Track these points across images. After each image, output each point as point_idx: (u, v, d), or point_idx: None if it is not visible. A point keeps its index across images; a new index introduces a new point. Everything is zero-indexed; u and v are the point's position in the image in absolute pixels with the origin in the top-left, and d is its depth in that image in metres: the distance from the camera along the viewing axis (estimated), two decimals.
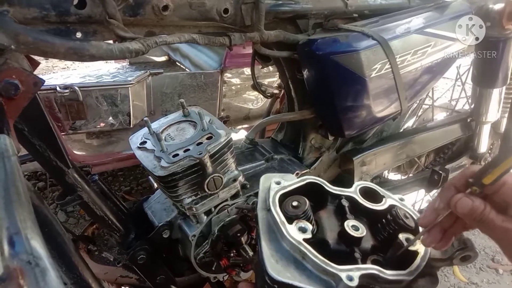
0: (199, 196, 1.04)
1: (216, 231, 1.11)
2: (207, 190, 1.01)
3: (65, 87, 1.74)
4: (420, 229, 0.61)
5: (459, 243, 0.60)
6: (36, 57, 0.85)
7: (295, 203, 0.62)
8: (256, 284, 0.73)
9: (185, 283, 1.37)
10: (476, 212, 0.52)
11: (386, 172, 1.75)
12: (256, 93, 2.53)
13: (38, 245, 0.39)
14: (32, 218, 0.43)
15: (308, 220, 0.62)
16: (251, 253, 1.12)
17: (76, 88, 1.75)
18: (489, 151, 1.81)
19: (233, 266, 1.15)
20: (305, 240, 0.57)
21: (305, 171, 1.26)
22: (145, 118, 1.04)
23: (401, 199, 0.70)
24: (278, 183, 0.68)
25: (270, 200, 0.63)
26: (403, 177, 1.87)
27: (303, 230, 0.59)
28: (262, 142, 1.36)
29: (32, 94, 0.73)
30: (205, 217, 1.08)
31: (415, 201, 2.00)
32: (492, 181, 0.51)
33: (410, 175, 1.87)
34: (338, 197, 0.68)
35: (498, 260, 2.23)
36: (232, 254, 1.12)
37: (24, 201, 0.44)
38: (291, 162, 1.30)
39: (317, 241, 0.59)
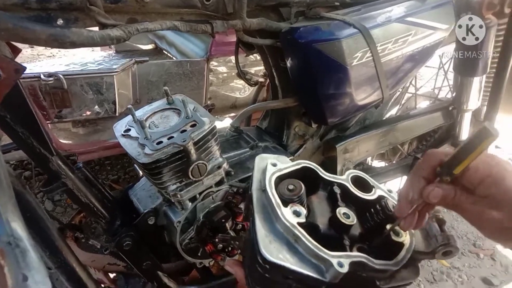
0: (183, 183, 1.05)
1: (201, 217, 1.12)
2: (191, 177, 1.02)
3: (49, 75, 1.73)
4: None
5: (442, 238, 0.61)
6: (18, 45, 0.85)
7: (291, 187, 0.63)
8: (243, 263, 0.74)
9: (172, 270, 1.39)
10: (448, 198, 0.55)
11: (370, 160, 1.78)
12: (242, 81, 2.54)
13: (18, 227, 0.41)
14: (12, 202, 0.44)
15: (301, 204, 0.62)
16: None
17: (61, 76, 1.74)
18: None
19: (219, 251, 1.17)
20: (298, 224, 0.58)
21: (290, 158, 1.28)
22: (129, 106, 1.05)
23: (390, 191, 0.71)
24: (274, 165, 0.68)
25: (267, 181, 0.64)
26: (387, 164, 1.90)
27: (297, 214, 0.60)
28: (247, 130, 1.38)
29: (14, 81, 0.73)
30: (190, 203, 1.09)
31: (399, 188, 2.03)
32: (461, 171, 0.53)
33: (394, 162, 1.90)
34: (330, 183, 0.69)
35: (479, 245, 2.29)
36: (217, 240, 1.14)
37: (4, 186, 0.45)
38: (275, 149, 1.31)
39: (308, 225, 0.60)
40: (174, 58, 2.63)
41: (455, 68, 1.56)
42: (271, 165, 0.68)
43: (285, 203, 0.61)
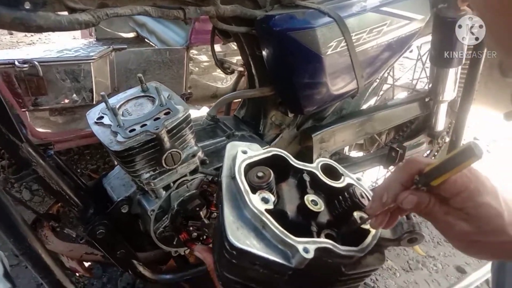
0: (157, 171, 1.04)
1: (175, 206, 1.12)
2: (165, 165, 1.02)
3: (24, 61, 1.68)
4: None
5: (408, 226, 0.63)
6: None
7: (260, 174, 0.63)
8: (213, 249, 0.75)
9: (150, 259, 1.39)
10: (421, 206, 0.55)
11: (347, 150, 1.79)
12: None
13: None
14: None
15: (270, 191, 0.63)
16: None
17: (36, 63, 1.70)
18: (447, 130, 1.88)
19: (193, 240, 1.17)
20: (266, 210, 0.58)
21: (266, 147, 1.28)
22: (102, 93, 1.03)
23: (359, 179, 0.72)
24: (244, 152, 0.68)
25: (236, 168, 0.64)
26: (363, 154, 1.92)
27: (265, 200, 0.60)
28: (223, 119, 1.37)
29: None
30: (164, 192, 1.09)
31: (377, 178, 2.06)
32: (428, 172, 0.54)
33: (371, 152, 1.92)
34: (300, 171, 0.70)
35: None
36: (189, 227, 1.13)
37: None
38: (252, 138, 1.31)
39: (277, 212, 0.61)
40: (154, 46, 2.60)
41: (431, 59, 1.58)
42: (241, 153, 0.68)
43: (254, 190, 0.62)
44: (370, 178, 2.08)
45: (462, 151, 0.50)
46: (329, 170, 0.72)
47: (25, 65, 1.69)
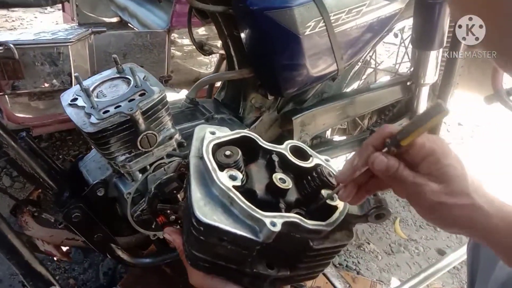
0: (133, 153, 1.03)
1: (152, 189, 1.11)
2: (140, 147, 1.00)
3: None
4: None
5: (375, 201, 0.63)
6: None
7: (228, 153, 0.64)
8: (182, 230, 0.75)
9: (132, 244, 1.38)
10: (391, 169, 0.56)
11: (329, 134, 1.79)
12: (209, 56, 2.49)
13: None
14: None
15: (238, 170, 0.63)
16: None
17: (11, 45, 1.65)
18: None
19: (171, 223, 1.16)
20: (234, 187, 0.59)
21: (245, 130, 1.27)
22: (75, 74, 1.01)
23: (327, 160, 0.73)
24: (212, 133, 0.69)
25: (204, 148, 0.64)
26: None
27: (233, 177, 0.61)
28: (203, 102, 1.36)
29: None
30: (140, 175, 1.07)
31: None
32: (408, 143, 0.54)
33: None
34: (269, 152, 0.71)
35: None
36: (169, 211, 1.13)
37: None
38: (232, 121, 1.30)
39: (246, 191, 0.61)
40: (136, 30, 2.56)
41: (412, 42, 1.57)
42: (210, 133, 0.69)
43: (222, 168, 0.62)
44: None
45: (430, 109, 0.51)
46: (298, 152, 0.73)
47: (0, 48, 1.64)
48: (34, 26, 4.44)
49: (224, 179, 0.60)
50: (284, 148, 0.71)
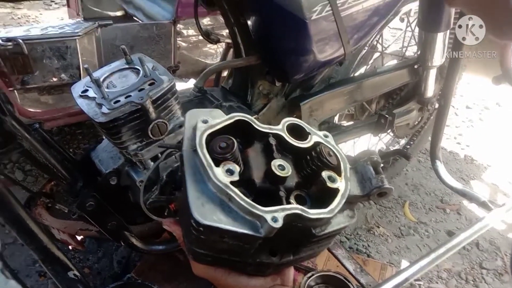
0: (144, 142, 1.04)
1: (164, 177, 1.12)
2: (151, 136, 1.02)
3: (8, 39, 1.66)
4: (342, 166, 0.63)
5: (377, 181, 0.62)
6: None
7: (223, 145, 0.60)
8: (180, 222, 0.73)
9: (145, 233, 1.40)
10: None
11: (337, 119, 1.79)
12: (215, 47, 2.49)
13: None
14: None
15: (235, 161, 0.60)
16: None
17: (20, 40, 1.67)
18: (437, 96, 1.88)
19: None
20: (231, 182, 0.56)
21: (254, 117, 1.28)
22: (85, 66, 1.03)
23: (326, 135, 0.70)
24: (205, 121, 0.64)
25: (197, 141, 0.60)
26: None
27: (230, 172, 0.58)
28: (211, 90, 1.36)
29: None
30: (152, 163, 1.09)
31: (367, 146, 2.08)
32: None
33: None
34: (266, 135, 0.67)
35: (446, 200, 2.37)
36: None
37: None
38: (240, 109, 1.31)
39: (243, 181, 0.59)
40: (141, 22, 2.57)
41: (419, 24, 1.56)
42: (202, 122, 0.64)
43: (218, 162, 0.59)
44: (361, 146, 2.10)
45: None
46: (296, 130, 0.69)
47: (9, 43, 1.66)
48: (39, 22, 4.47)
49: (221, 175, 0.56)
50: (281, 128, 0.67)
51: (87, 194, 1.08)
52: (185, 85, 1.48)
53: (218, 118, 0.65)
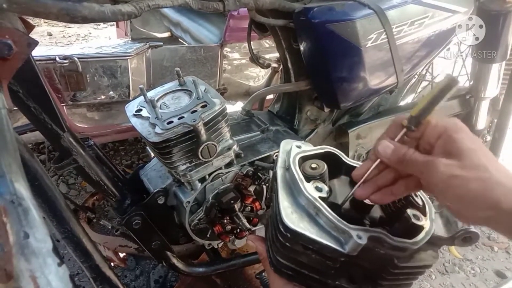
0: (193, 163, 1.05)
1: (210, 198, 1.13)
2: (201, 157, 1.02)
3: (64, 57, 1.74)
4: (427, 208, 0.63)
5: (462, 224, 0.62)
6: (30, 20, 0.85)
7: (314, 165, 0.65)
8: (265, 237, 0.76)
9: (183, 253, 1.40)
10: (399, 153, 0.56)
11: None
12: (257, 70, 2.52)
13: (21, 187, 0.41)
14: (17, 164, 0.44)
15: (324, 182, 0.64)
16: (244, 221, 1.15)
17: (76, 58, 1.75)
18: (488, 129, 1.81)
19: (227, 232, 1.17)
20: (320, 198, 0.60)
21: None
22: (140, 86, 1.05)
23: None
24: (299, 147, 0.71)
25: (291, 159, 0.66)
26: None
27: (319, 189, 0.62)
28: (258, 113, 1.37)
29: (26, 55, 0.73)
30: (200, 184, 1.09)
31: None
32: (418, 112, 0.56)
33: None
34: (353, 169, 0.70)
35: (494, 238, 2.25)
36: (225, 221, 1.14)
37: (10, 149, 0.46)
38: (286, 133, 1.30)
39: (330, 205, 0.61)
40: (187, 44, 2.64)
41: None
42: (296, 147, 0.71)
43: (308, 179, 0.64)
44: None
45: (444, 84, 0.55)
46: None
47: (66, 61, 1.74)
48: (89, 41, 4.68)
49: (311, 189, 0.61)
50: None
51: (135, 212, 1.09)
52: (232, 108, 1.50)
53: (309, 147, 0.73)
